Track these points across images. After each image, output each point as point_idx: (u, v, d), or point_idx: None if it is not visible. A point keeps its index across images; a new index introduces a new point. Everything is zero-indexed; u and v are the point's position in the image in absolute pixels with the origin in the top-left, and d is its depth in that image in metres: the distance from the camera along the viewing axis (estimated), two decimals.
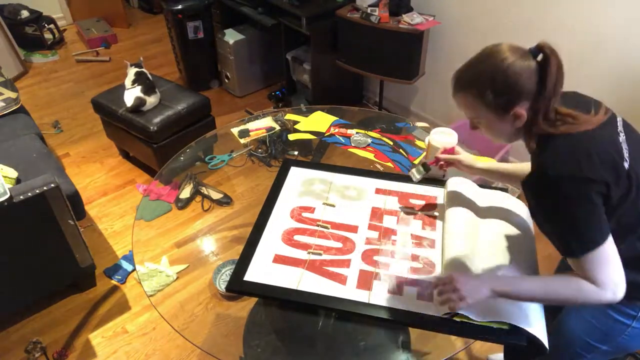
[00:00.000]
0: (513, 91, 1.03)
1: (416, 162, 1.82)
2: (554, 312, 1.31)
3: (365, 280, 1.29)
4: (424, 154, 1.78)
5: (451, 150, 1.45)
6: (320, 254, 1.37)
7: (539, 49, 1.04)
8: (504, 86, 1.03)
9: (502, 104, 1.05)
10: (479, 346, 2.04)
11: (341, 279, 1.30)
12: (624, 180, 1.01)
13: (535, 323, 1.14)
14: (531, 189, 1.06)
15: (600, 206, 1.00)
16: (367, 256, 1.37)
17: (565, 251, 1.06)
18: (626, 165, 1.02)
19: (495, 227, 1.38)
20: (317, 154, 1.91)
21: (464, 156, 1.44)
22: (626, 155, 1.03)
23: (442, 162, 1.47)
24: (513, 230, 1.37)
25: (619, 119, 1.12)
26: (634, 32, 2.09)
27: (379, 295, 1.25)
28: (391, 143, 1.92)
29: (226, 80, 3.69)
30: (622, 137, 1.06)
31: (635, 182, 1.02)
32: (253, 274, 1.31)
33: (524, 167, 1.31)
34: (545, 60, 1.02)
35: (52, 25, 4.24)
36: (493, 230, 1.37)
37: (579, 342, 1.25)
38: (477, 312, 1.15)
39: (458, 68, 1.11)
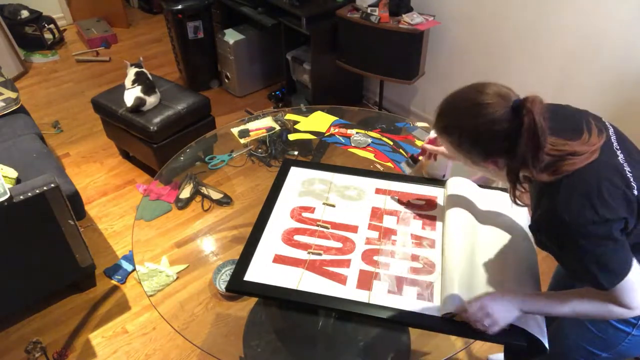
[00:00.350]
0: (487, 147, 1.03)
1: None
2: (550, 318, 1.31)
3: (365, 280, 1.29)
4: None
5: (433, 141, 1.46)
6: (320, 254, 1.37)
7: (521, 104, 0.98)
8: (478, 142, 1.03)
9: (479, 153, 1.06)
10: (479, 346, 2.04)
11: (341, 279, 1.30)
12: (636, 207, 0.99)
13: (535, 323, 1.14)
14: (547, 233, 1.03)
15: (623, 240, 0.99)
16: (367, 256, 1.37)
17: (593, 284, 1.03)
18: (635, 192, 0.99)
19: (496, 227, 1.38)
20: (317, 154, 1.91)
21: None
22: (631, 179, 1.00)
23: (429, 153, 1.48)
24: (513, 231, 1.37)
25: (611, 132, 1.09)
26: (634, 32, 2.09)
27: (379, 295, 1.25)
28: (391, 143, 1.92)
29: (226, 80, 3.69)
30: (621, 158, 1.03)
31: None
32: (253, 274, 1.31)
33: None
34: (520, 122, 0.97)
35: (52, 25, 4.23)
36: (493, 231, 1.37)
37: (579, 349, 1.24)
38: None
39: (441, 102, 1.11)
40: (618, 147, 1.05)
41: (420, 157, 1.48)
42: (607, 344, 1.19)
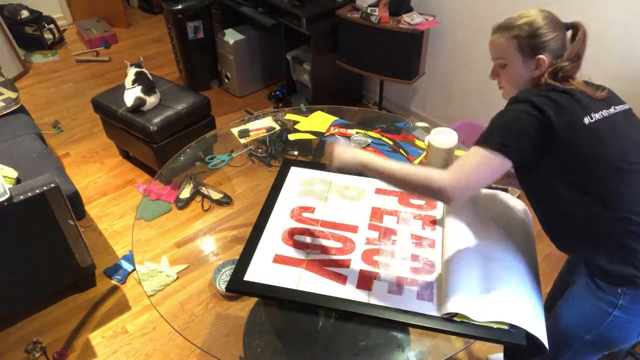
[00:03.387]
0: (544, 40, 1.18)
1: (416, 162, 1.82)
2: (549, 307, 1.33)
3: (365, 280, 1.29)
4: (424, 154, 1.78)
5: None
6: (320, 254, 1.37)
7: (574, 25, 1.23)
8: (538, 34, 1.18)
9: (533, 46, 1.18)
10: (479, 346, 2.04)
11: (341, 279, 1.30)
12: (574, 127, 1.10)
13: (535, 323, 1.14)
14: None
15: (528, 130, 1.09)
16: (367, 256, 1.37)
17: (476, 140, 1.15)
18: (587, 120, 1.11)
19: (496, 226, 1.38)
20: (317, 154, 1.91)
21: None
22: (595, 115, 1.12)
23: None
24: (513, 230, 1.37)
25: (624, 105, 1.20)
26: (634, 31, 2.09)
27: (379, 295, 1.25)
28: (391, 143, 1.92)
29: (226, 80, 3.69)
30: (608, 110, 1.15)
31: (592, 140, 1.10)
32: (253, 274, 1.31)
33: None
34: (575, 33, 1.21)
35: (52, 25, 4.23)
36: (493, 230, 1.37)
37: (568, 331, 1.27)
38: (477, 312, 1.15)
39: None
40: (615, 108, 1.17)
41: None
42: (590, 324, 1.21)
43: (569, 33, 1.22)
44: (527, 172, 1.20)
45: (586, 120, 1.11)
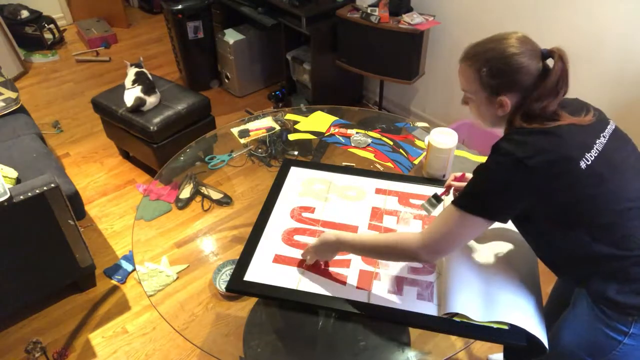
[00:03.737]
0: (507, 79, 1.07)
1: (416, 162, 1.82)
2: (549, 324, 1.31)
3: (365, 280, 1.29)
4: (424, 154, 1.78)
5: (462, 177, 1.41)
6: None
7: (550, 53, 1.07)
8: (501, 71, 1.07)
9: (493, 86, 1.08)
10: (479, 346, 2.04)
11: (341, 279, 1.30)
12: (570, 175, 1.01)
13: (535, 323, 1.14)
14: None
15: (514, 194, 1.03)
16: None
17: (454, 198, 1.10)
18: (583, 164, 1.02)
19: (495, 231, 1.38)
20: (317, 154, 1.91)
21: None
22: (590, 156, 1.03)
23: (454, 191, 1.42)
24: (512, 235, 1.37)
25: (610, 126, 1.11)
26: (633, 32, 2.09)
27: (379, 295, 1.25)
28: (391, 143, 1.92)
29: (226, 80, 3.69)
30: (600, 140, 1.06)
31: (591, 184, 1.03)
32: (253, 274, 1.31)
33: None
34: (552, 66, 1.05)
35: (52, 25, 4.23)
36: (494, 232, 1.37)
37: (572, 355, 1.23)
38: (477, 312, 1.15)
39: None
40: (605, 136, 1.08)
41: (444, 196, 1.44)
42: (598, 351, 1.17)
43: (550, 61, 1.08)
44: (524, 221, 1.14)
45: (582, 164, 1.02)
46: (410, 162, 1.82)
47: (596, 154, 1.04)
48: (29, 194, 1.77)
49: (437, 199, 1.40)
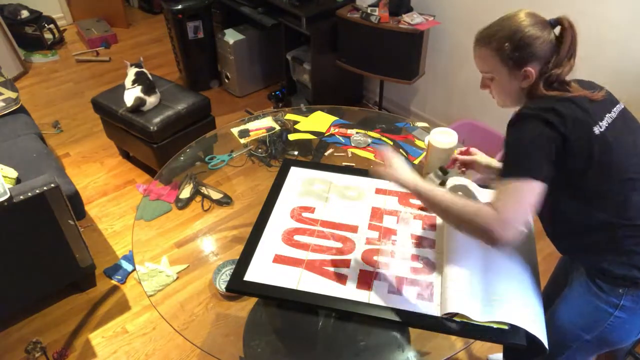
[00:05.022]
0: (528, 50, 1.12)
1: (416, 162, 1.82)
2: (544, 306, 1.33)
3: (365, 280, 1.29)
4: (424, 154, 1.78)
5: (467, 152, 1.44)
6: (320, 254, 1.37)
7: (558, 21, 1.14)
8: (521, 43, 1.11)
9: (516, 59, 1.13)
10: (479, 346, 2.04)
11: (341, 279, 1.30)
12: (586, 139, 1.06)
13: (535, 323, 1.14)
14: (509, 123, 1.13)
15: (549, 151, 1.05)
16: (367, 256, 1.37)
17: (501, 172, 1.10)
18: (597, 130, 1.07)
19: None
20: (317, 154, 1.91)
21: (481, 156, 1.45)
22: (603, 124, 1.09)
23: (459, 164, 1.46)
24: None
25: (619, 106, 1.17)
26: (633, 31, 2.09)
27: (379, 295, 1.25)
28: (391, 143, 1.92)
29: (226, 80, 3.69)
30: (610, 115, 1.12)
31: (603, 151, 1.07)
32: (253, 274, 1.31)
33: None
34: (562, 33, 1.13)
35: (52, 25, 4.23)
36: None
37: (568, 332, 1.26)
38: (477, 312, 1.15)
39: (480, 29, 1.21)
40: (615, 112, 1.14)
41: (449, 169, 1.46)
42: (591, 324, 1.21)
43: (557, 30, 1.15)
44: None
45: (596, 130, 1.07)
46: (410, 162, 1.82)
47: (607, 124, 1.09)
48: (29, 194, 1.77)
49: (444, 170, 1.45)
